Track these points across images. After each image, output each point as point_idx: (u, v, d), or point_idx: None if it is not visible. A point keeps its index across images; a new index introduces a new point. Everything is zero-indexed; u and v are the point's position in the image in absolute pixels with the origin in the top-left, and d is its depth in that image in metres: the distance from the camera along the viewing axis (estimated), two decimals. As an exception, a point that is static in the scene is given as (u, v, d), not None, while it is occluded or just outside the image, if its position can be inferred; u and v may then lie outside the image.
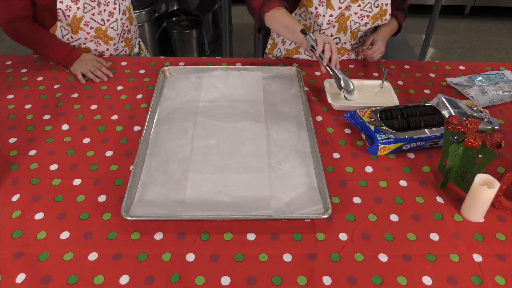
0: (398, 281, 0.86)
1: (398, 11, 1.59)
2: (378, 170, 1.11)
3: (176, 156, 1.12)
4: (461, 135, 0.99)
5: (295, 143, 1.17)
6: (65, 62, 1.46)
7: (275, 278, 0.86)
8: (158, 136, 1.19)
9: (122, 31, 1.60)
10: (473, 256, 0.91)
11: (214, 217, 0.96)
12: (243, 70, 1.46)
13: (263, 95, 1.36)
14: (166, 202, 1.00)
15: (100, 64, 1.46)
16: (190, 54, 2.92)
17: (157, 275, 0.86)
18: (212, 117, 1.26)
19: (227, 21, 2.44)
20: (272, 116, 1.27)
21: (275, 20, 1.39)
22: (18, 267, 0.87)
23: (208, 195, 1.02)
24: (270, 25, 1.42)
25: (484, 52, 3.43)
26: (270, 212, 0.97)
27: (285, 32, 1.38)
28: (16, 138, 1.19)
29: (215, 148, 1.15)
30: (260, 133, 1.20)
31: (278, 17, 1.38)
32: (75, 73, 1.44)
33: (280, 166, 1.10)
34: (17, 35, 1.46)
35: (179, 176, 1.07)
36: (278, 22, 1.38)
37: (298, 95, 1.36)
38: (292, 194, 1.03)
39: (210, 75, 1.43)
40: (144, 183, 1.05)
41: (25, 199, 1.01)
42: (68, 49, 1.47)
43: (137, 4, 2.67)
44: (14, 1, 1.40)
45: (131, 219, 0.94)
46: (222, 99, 1.34)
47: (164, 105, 1.31)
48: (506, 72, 1.46)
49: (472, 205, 0.97)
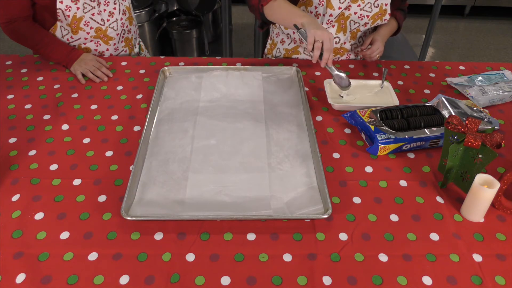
0: (398, 281, 0.86)
1: (398, 11, 1.59)
2: (378, 170, 1.11)
3: (176, 156, 1.12)
4: (461, 135, 0.99)
5: (295, 143, 1.17)
6: (65, 62, 1.46)
7: (275, 278, 0.86)
8: (158, 136, 1.19)
9: (122, 31, 1.60)
10: (473, 256, 0.91)
11: (214, 217, 0.96)
12: (243, 70, 1.46)
13: (263, 95, 1.36)
14: (166, 202, 1.00)
15: (100, 64, 1.46)
16: (190, 54, 2.92)
17: (157, 275, 0.86)
18: (212, 117, 1.26)
19: (227, 21, 2.44)
20: (272, 116, 1.27)
21: (274, 12, 1.38)
22: (18, 267, 0.87)
23: (208, 195, 1.02)
24: (271, 18, 1.41)
25: (484, 52, 3.43)
26: (270, 212, 0.97)
27: (284, 24, 1.36)
28: (16, 138, 1.19)
29: (215, 148, 1.15)
30: (260, 133, 1.20)
31: (277, 8, 1.37)
32: (75, 73, 1.44)
33: (280, 166, 1.10)
34: (17, 35, 1.46)
35: (179, 176, 1.07)
36: (278, 13, 1.37)
37: (298, 95, 1.36)
38: (292, 194, 1.03)
39: (210, 75, 1.43)
40: (144, 183, 1.05)
41: (25, 199, 1.01)
42: (68, 49, 1.47)
43: (137, 4, 2.67)
44: (14, 1, 1.40)
45: (131, 219, 0.94)
46: (222, 99, 1.34)
47: (164, 105, 1.31)
48: (506, 72, 1.46)
49: (472, 205, 0.97)
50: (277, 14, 1.37)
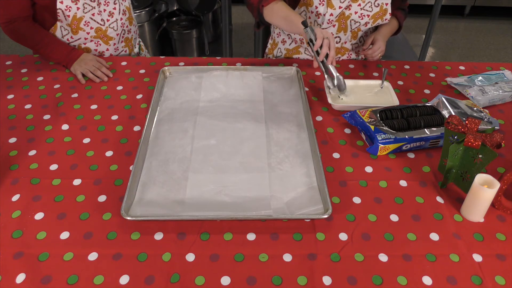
0: (398, 281, 0.86)
1: (399, 10, 1.59)
2: (378, 170, 1.11)
3: (176, 156, 1.12)
4: (461, 135, 0.99)
5: (295, 143, 1.17)
6: (65, 62, 1.46)
7: (275, 278, 0.86)
8: (158, 136, 1.19)
9: (122, 31, 1.60)
10: (473, 256, 0.91)
11: (214, 217, 0.96)
12: (243, 70, 1.46)
13: (263, 95, 1.36)
14: (166, 202, 1.00)
15: (100, 64, 1.46)
16: (190, 54, 2.92)
17: (157, 275, 0.86)
18: (212, 117, 1.26)
19: (227, 21, 2.44)
20: (272, 116, 1.27)
21: (274, 13, 1.38)
22: (18, 267, 0.87)
23: (208, 195, 1.02)
24: (269, 19, 1.41)
25: (484, 52, 3.43)
26: (270, 212, 0.97)
27: (284, 24, 1.36)
28: (16, 138, 1.19)
29: (215, 148, 1.15)
30: (260, 133, 1.20)
31: (277, 10, 1.37)
32: (75, 73, 1.44)
33: (280, 166, 1.10)
34: (17, 35, 1.46)
35: (179, 176, 1.07)
36: (277, 15, 1.38)
37: (298, 95, 1.36)
38: (292, 194, 1.03)
39: (210, 75, 1.43)
40: (144, 183, 1.05)
41: (25, 199, 1.01)
42: (68, 49, 1.47)
43: (137, 4, 2.67)
44: (14, 1, 1.40)
45: (131, 219, 0.94)
46: (222, 99, 1.34)
47: (164, 105, 1.31)
48: (506, 72, 1.46)
49: (472, 205, 0.97)
50: (276, 15, 1.38)
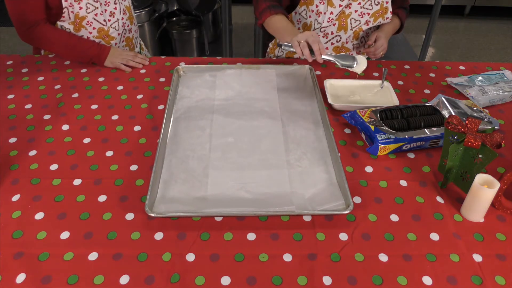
0: (398, 281, 0.86)
1: (400, 9, 1.59)
2: (378, 170, 1.11)
3: (195, 154, 1.13)
4: (461, 135, 0.99)
5: (312, 141, 1.19)
6: (98, 59, 1.47)
7: (275, 278, 0.86)
8: (176, 134, 1.20)
9: (124, 31, 1.60)
10: (473, 256, 0.91)
11: (238, 213, 0.96)
12: (256, 69, 1.48)
13: (277, 93, 1.37)
14: (188, 199, 1.01)
15: (131, 54, 1.50)
16: (190, 54, 2.92)
17: (157, 275, 0.86)
18: (228, 115, 1.27)
19: (227, 21, 2.44)
20: (288, 114, 1.29)
21: (270, 27, 1.48)
22: (18, 267, 0.87)
23: (229, 191, 1.03)
24: (269, 31, 1.51)
25: (484, 52, 3.43)
26: (293, 208, 0.98)
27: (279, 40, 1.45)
28: (16, 138, 1.19)
29: (233, 145, 1.16)
30: (277, 131, 1.21)
31: (272, 25, 1.47)
32: (115, 66, 1.47)
33: (299, 163, 1.11)
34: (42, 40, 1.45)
35: (199, 173, 1.08)
36: (273, 29, 1.47)
37: (312, 93, 1.37)
38: (312, 190, 1.03)
39: (223, 73, 1.45)
40: (166, 181, 1.05)
41: (25, 199, 1.01)
42: (96, 45, 1.48)
43: (137, 4, 2.67)
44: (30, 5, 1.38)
45: (155, 216, 0.95)
46: (237, 97, 1.35)
47: (180, 104, 1.32)
48: (506, 72, 1.46)
49: (472, 205, 0.97)
50: (272, 29, 1.47)
